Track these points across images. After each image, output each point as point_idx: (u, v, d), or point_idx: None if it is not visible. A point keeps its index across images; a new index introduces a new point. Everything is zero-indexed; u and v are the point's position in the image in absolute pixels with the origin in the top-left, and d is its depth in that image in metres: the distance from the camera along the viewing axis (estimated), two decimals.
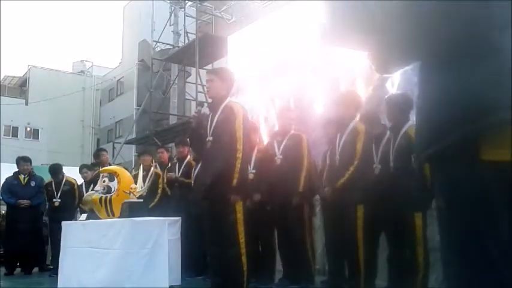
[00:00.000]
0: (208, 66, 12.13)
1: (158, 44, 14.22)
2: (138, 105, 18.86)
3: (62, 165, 7.41)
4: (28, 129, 27.27)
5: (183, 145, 6.11)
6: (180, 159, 6.14)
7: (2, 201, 7.86)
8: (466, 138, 0.95)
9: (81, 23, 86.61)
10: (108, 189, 4.70)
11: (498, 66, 0.94)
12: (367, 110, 4.59)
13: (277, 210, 4.70)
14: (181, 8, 13.56)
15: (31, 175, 7.33)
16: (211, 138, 3.73)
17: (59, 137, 25.44)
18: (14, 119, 25.46)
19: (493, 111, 0.92)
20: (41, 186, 7.37)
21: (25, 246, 7.00)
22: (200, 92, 11.68)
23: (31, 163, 7.52)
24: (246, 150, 3.73)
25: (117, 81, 25.44)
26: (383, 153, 4.03)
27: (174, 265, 4.05)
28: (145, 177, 5.98)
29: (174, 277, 4.06)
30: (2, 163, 9.72)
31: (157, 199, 6.15)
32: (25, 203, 7.05)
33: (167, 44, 14.34)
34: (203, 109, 4.11)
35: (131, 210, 4.32)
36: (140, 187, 4.71)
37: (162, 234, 4.00)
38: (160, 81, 14.70)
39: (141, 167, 5.59)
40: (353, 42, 1.19)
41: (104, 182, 4.75)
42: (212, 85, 3.87)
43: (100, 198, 4.67)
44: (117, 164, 8.26)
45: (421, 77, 1.07)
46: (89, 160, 16.70)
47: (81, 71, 29.82)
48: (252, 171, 4.68)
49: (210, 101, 4.14)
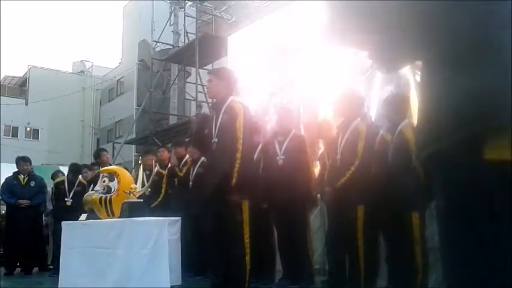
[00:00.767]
0: (208, 66, 12.12)
1: (158, 44, 14.22)
2: (138, 105, 18.87)
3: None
4: (28, 129, 27.26)
5: (180, 146, 6.11)
6: (179, 159, 6.12)
7: (2, 201, 7.85)
8: (467, 138, 0.95)
9: (81, 23, 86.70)
10: (108, 189, 4.70)
11: (499, 66, 0.93)
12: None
13: (278, 210, 4.69)
14: (181, 8, 13.56)
15: (31, 175, 7.33)
16: (216, 140, 3.71)
17: (59, 137, 25.44)
18: (14, 119, 25.46)
19: (494, 112, 0.92)
20: (41, 186, 7.37)
21: (25, 246, 7.01)
22: (200, 92, 11.66)
23: (31, 163, 7.52)
24: (248, 149, 3.70)
25: (117, 81, 25.43)
26: (377, 153, 4.05)
27: (174, 265, 4.05)
28: (148, 176, 5.98)
29: (174, 277, 4.06)
30: (2, 163, 9.72)
31: (160, 198, 6.13)
32: (25, 203, 7.04)
33: (167, 44, 14.34)
34: (202, 110, 4.10)
35: (131, 210, 4.32)
36: (141, 187, 4.71)
37: (162, 234, 4.00)
38: (160, 81, 14.71)
39: (141, 167, 5.59)
40: (353, 42, 1.18)
41: (104, 182, 4.75)
42: (212, 85, 3.86)
43: (100, 198, 4.67)
44: (117, 164, 8.26)
45: (423, 76, 1.07)
46: (89, 160, 16.69)
47: (81, 71, 29.81)
48: None
49: (210, 101, 4.13)
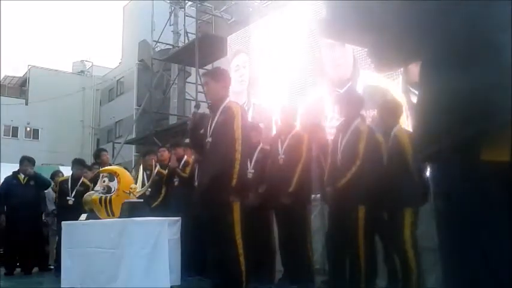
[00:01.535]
0: (208, 66, 12.11)
1: (158, 44, 14.21)
2: (138, 105, 18.85)
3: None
4: (28, 129, 27.24)
5: (178, 147, 6.12)
6: (178, 159, 6.13)
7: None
8: (465, 139, 0.95)
9: (81, 23, 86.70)
10: (108, 189, 4.70)
11: (498, 66, 0.93)
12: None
13: (278, 210, 4.69)
14: (181, 8, 13.56)
15: (32, 178, 7.32)
16: (210, 140, 3.73)
17: (59, 137, 25.42)
18: (14, 119, 25.45)
19: (494, 112, 0.92)
20: (42, 186, 7.36)
21: (25, 246, 6.99)
22: (200, 92, 11.65)
23: (34, 164, 7.53)
24: (245, 150, 3.72)
25: (117, 81, 25.41)
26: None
27: (174, 265, 4.06)
28: (149, 176, 5.98)
29: (174, 277, 4.07)
30: (2, 163, 9.72)
31: (161, 198, 6.13)
32: None
33: (167, 44, 14.33)
34: (199, 109, 4.10)
35: (131, 210, 4.32)
36: (141, 187, 4.71)
37: (162, 234, 4.00)
38: (160, 81, 14.71)
39: (141, 167, 5.59)
40: (352, 39, 1.19)
41: (104, 182, 4.75)
42: (208, 87, 3.88)
43: (100, 198, 4.67)
44: (117, 164, 8.26)
45: (421, 76, 1.07)
46: (89, 160, 16.67)
47: (81, 71, 29.80)
48: (251, 171, 4.67)
49: (210, 102, 4.14)
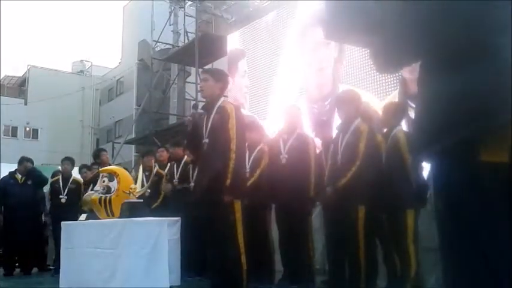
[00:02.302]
0: (208, 66, 12.09)
1: (158, 44, 14.18)
2: (137, 105, 18.83)
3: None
4: (27, 129, 27.23)
5: (178, 146, 6.11)
6: (176, 161, 6.13)
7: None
8: (465, 139, 0.95)
9: (81, 23, 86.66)
10: (107, 189, 4.70)
11: (498, 67, 0.93)
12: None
13: (280, 210, 4.69)
14: (181, 8, 13.55)
15: (28, 174, 7.30)
16: (207, 140, 3.73)
17: (58, 137, 25.39)
18: (13, 119, 25.44)
19: (493, 113, 0.92)
20: (38, 183, 7.35)
21: (24, 246, 6.98)
22: (200, 92, 11.67)
23: (33, 164, 7.52)
24: (241, 149, 3.73)
25: (117, 81, 25.40)
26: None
27: (174, 265, 4.05)
28: (148, 177, 5.98)
29: (174, 277, 4.06)
30: (2, 163, 9.71)
31: (160, 199, 6.13)
32: None
33: (167, 44, 14.31)
34: (198, 110, 4.11)
35: (131, 210, 4.32)
36: (140, 187, 4.71)
37: (162, 234, 4.00)
38: (160, 81, 14.69)
39: (141, 167, 5.59)
40: (353, 40, 1.19)
41: (104, 182, 4.75)
42: (206, 85, 3.88)
43: (100, 198, 4.67)
44: (117, 164, 8.26)
45: (421, 76, 1.07)
46: (88, 160, 16.67)
47: (81, 71, 29.78)
48: (246, 170, 4.68)
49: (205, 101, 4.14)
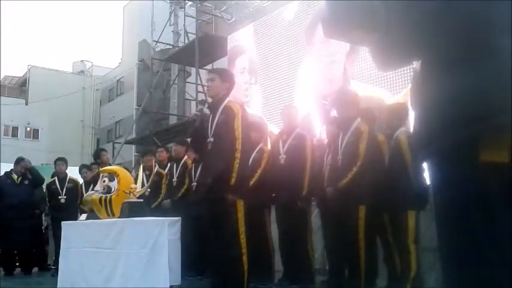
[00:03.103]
0: (208, 66, 12.10)
1: (158, 44, 14.18)
2: (138, 105, 18.80)
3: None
4: (28, 129, 27.24)
5: (182, 145, 6.11)
6: (176, 159, 6.13)
7: None
8: (465, 139, 0.95)
9: (81, 23, 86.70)
10: (108, 189, 4.69)
11: (498, 67, 0.93)
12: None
13: (279, 209, 4.68)
14: (181, 8, 13.54)
15: (24, 173, 7.27)
16: (212, 139, 3.73)
17: (59, 137, 25.40)
18: (13, 119, 25.47)
19: (494, 113, 0.92)
20: (36, 183, 7.33)
21: (24, 245, 6.97)
22: (200, 92, 11.66)
23: (30, 163, 7.50)
24: (246, 149, 3.73)
25: (117, 81, 25.41)
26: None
27: (174, 265, 4.04)
28: (148, 176, 5.98)
29: (174, 277, 4.05)
30: (2, 163, 9.71)
31: (160, 199, 6.14)
32: None
33: (167, 44, 14.31)
34: (205, 108, 4.11)
35: (131, 210, 4.31)
36: (140, 187, 4.71)
37: (162, 234, 3.99)
38: (160, 81, 14.68)
39: (141, 167, 5.58)
40: (354, 38, 1.19)
41: (104, 182, 4.74)
42: (213, 85, 3.87)
43: (100, 198, 4.67)
44: (117, 164, 8.26)
45: (422, 76, 1.07)
46: (89, 160, 16.69)
47: (81, 71, 29.80)
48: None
49: (210, 100, 4.14)
